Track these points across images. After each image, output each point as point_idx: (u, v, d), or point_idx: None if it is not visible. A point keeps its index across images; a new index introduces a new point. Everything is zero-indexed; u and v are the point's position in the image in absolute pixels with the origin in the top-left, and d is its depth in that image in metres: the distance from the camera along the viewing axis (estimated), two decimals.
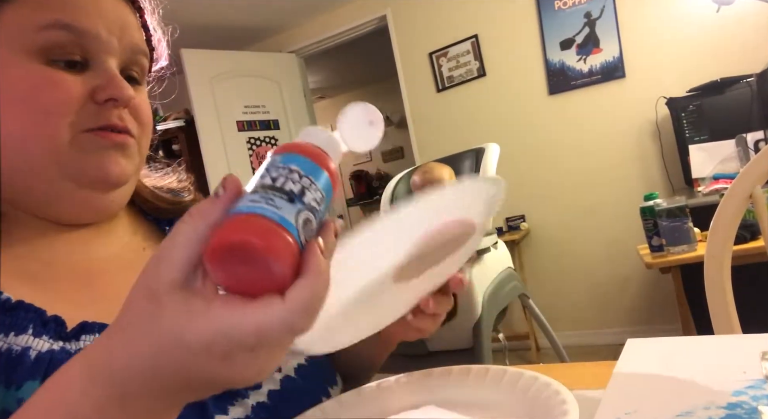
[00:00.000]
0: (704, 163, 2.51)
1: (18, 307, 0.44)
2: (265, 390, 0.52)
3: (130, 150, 0.52)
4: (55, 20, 0.46)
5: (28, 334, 0.42)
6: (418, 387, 0.53)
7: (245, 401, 0.50)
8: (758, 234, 1.70)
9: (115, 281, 0.53)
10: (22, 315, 0.43)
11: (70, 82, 0.47)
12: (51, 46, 0.46)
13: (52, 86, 0.46)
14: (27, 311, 0.44)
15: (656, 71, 2.93)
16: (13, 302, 0.44)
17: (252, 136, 3.75)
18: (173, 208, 0.64)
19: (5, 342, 0.41)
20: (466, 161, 2.27)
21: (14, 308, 0.43)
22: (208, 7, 3.39)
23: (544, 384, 0.44)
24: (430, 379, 0.53)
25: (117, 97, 0.48)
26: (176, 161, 0.72)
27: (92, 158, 0.49)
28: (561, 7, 3.12)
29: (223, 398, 0.49)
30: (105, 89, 0.48)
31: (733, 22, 2.72)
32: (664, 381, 0.40)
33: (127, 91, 0.49)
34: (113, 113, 0.49)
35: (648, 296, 3.07)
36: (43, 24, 0.46)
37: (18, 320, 0.43)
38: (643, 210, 1.93)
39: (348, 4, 3.77)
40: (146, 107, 0.54)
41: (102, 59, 0.49)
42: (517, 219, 3.36)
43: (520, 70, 3.29)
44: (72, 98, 0.47)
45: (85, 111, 0.48)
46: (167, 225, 0.63)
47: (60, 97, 0.46)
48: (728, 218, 0.89)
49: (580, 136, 3.16)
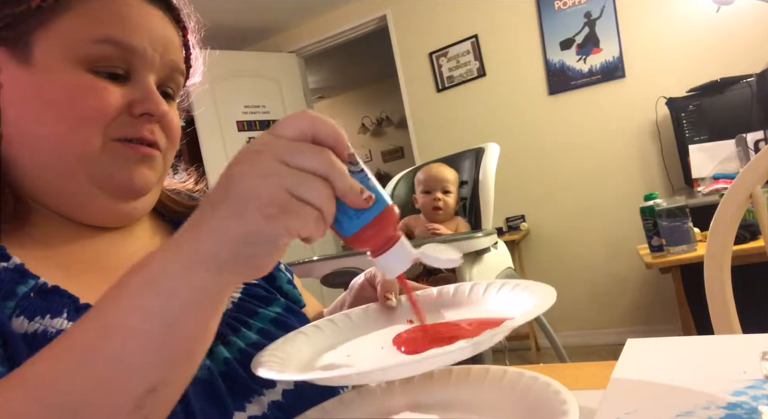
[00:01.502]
0: (704, 163, 2.51)
1: (54, 292, 0.46)
2: (280, 389, 0.54)
3: (156, 162, 0.54)
4: (108, 36, 0.49)
5: (63, 317, 0.45)
6: (418, 387, 0.53)
7: (261, 398, 0.52)
8: (758, 234, 1.70)
9: None
10: (57, 299, 0.46)
11: (110, 91, 0.49)
12: (98, 58, 0.49)
13: (93, 93, 0.48)
14: (62, 296, 0.46)
15: (656, 71, 2.93)
16: (49, 286, 0.46)
17: (252, 136, 3.74)
18: (189, 211, 0.66)
19: (42, 324, 0.43)
20: (466, 160, 2.27)
21: (50, 293, 0.46)
22: (208, 7, 3.37)
23: (544, 384, 0.44)
24: (430, 379, 0.53)
25: (152, 112, 0.51)
26: (194, 165, 0.77)
27: (119, 167, 0.51)
28: (561, 7, 3.12)
29: (240, 396, 0.51)
30: (142, 103, 0.51)
31: (733, 22, 2.72)
32: (664, 381, 0.40)
33: (161, 107, 0.52)
34: (145, 127, 0.52)
35: (648, 296, 3.07)
36: (96, 38, 0.48)
37: (54, 304, 0.45)
38: (643, 210, 1.93)
39: (348, 4, 3.77)
40: (176, 122, 0.57)
41: (142, 74, 0.52)
42: (517, 219, 3.36)
43: (520, 70, 3.29)
44: (109, 107, 0.49)
45: (119, 121, 0.50)
46: None
47: (98, 104, 0.49)
48: (728, 218, 0.89)
49: (580, 136, 3.16)
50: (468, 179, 2.23)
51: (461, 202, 2.20)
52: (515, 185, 3.31)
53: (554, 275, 3.29)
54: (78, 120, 0.48)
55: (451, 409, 0.49)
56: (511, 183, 3.27)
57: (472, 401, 0.49)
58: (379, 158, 6.61)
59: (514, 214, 3.37)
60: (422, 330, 0.49)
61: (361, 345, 0.53)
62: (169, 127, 0.55)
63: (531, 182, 3.31)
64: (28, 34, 0.47)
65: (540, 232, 3.34)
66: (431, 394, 0.52)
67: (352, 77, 6.05)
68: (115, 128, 0.50)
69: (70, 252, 0.52)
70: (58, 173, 0.49)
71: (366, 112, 6.59)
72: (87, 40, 0.48)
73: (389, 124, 6.44)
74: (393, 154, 6.51)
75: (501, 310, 0.50)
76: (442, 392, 0.52)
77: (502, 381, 0.48)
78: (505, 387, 0.48)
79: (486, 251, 1.87)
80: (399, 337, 0.50)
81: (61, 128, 0.48)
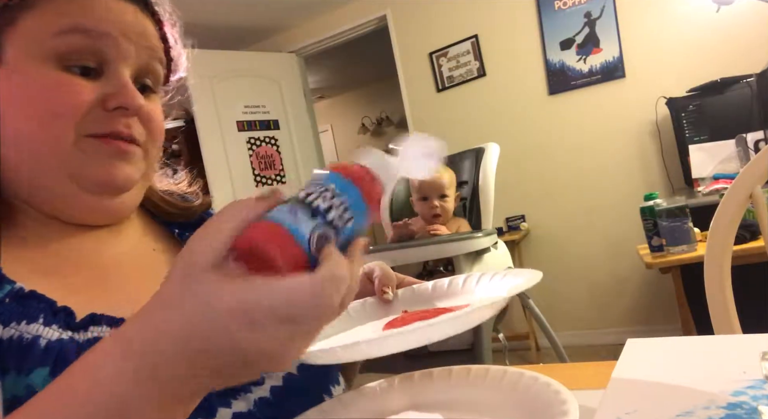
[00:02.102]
0: (704, 163, 2.51)
1: (30, 296, 0.45)
2: (268, 386, 0.53)
3: (134, 158, 0.52)
4: (75, 24, 0.47)
5: (39, 323, 0.43)
6: (418, 387, 0.53)
7: (248, 395, 0.51)
8: (758, 234, 1.70)
9: (125, 277, 0.54)
10: (33, 304, 0.45)
11: (81, 86, 0.48)
12: (67, 52, 0.47)
13: (64, 90, 0.47)
14: (39, 300, 0.45)
15: (656, 71, 2.93)
16: (25, 291, 0.45)
17: (252, 136, 3.75)
18: (182, 212, 0.65)
19: (17, 330, 0.43)
20: (466, 160, 2.27)
21: (26, 298, 0.45)
22: (208, 7, 3.38)
23: (544, 384, 0.44)
24: (430, 379, 0.53)
25: (126, 105, 0.49)
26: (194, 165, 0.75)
27: (95, 163, 0.49)
28: (561, 7, 3.12)
29: (227, 392, 0.50)
30: (115, 97, 0.49)
31: (733, 22, 2.72)
32: (664, 381, 0.40)
33: (136, 101, 0.50)
34: (120, 121, 0.50)
35: (648, 296, 3.07)
36: (63, 28, 0.47)
37: (30, 309, 0.44)
38: (643, 210, 1.93)
39: (348, 4, 3.77)
40: (157, 116, 0.55)
41: (115, 67, 0.50)
42: (517, 219, 3.36)
43: (520, 70, 3.29)
44: (82, 102, 0.48)
45: (92, 116, 0.49)
46: (177, 228, 0.65)
47: (69, 100, 0.47)
48: (728, 218, 0.89)
49: (580, 136, 3.16)
50: (468, 179, 2.23)
51: (461, 202, 2.19)
52: (515, 185, 3.31)
53: (554, 274, 3.28)
54: (49, 117, 0.47)
55: (451, 409, 0.49)
56: (511, 183, 3.27)
57: (472, 401, 0.49)
58: None
59: (514, 214, 3.37)
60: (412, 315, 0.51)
61: (355, 335, 0.54)
62: (148, 120, 0.53)
63: (531, 182, 3.31)
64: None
65: (540, 232, 3.34)
66: (431, 394, 0.52)
67: (352, 77, 6.05)
68: (88, 124, 0.48)
69: (57, 251, 0.51)
70: (38, 172, 0.49)
71: (366, 112, 6.59)
72: (54, 33, 0.47)
73: (389, 124, 6.44)
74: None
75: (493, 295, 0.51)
76: (442, 392, 0.52)
77: (502, 381, 0.48)
78: (505, 387, 0.48)
79: (486, 251, 1.87)
80: (389, 323, 0.51)
81: (32, 126, 0.47)
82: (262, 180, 3.75)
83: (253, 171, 3.72)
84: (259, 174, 3.75)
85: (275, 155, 3.85)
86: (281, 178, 3.85)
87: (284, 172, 3.87)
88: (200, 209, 0.67)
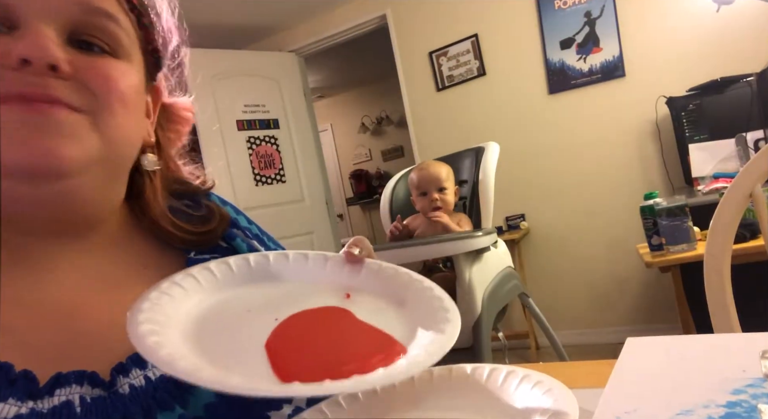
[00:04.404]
0: (704, 162, 2.51)
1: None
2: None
3: (66, 127, 0.40)
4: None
5: None
6: (418, 387, 0.53)
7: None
8: (758, 233, 1.70)
9: (96, 315, 0.45)
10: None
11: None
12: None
13: None
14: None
15: (656, 71, 2.93)
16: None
17: (252, 135, 3.75)
18: (199, 239, 0.55)
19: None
20: (466, 160, 2.27)
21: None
22: (207, 7, 3.38)
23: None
24: (430, 379, 0.53)
25: (29, 57, 0.38)
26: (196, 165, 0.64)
27: (4, 137, 0.38)
28: (561, 7, 3.12)
29: None
30: (17, 49, 0.39)
31: (733, 22, 2.72)
32: (664, 379, 0.40)
33: (45, 51, 0.39)
34: (27, 79, 0.39)
35: (648, 295, 3.07)
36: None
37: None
38: (643, 209, 1.93)
39: (348, 3, 3.77)
40: (106, 74, 0.43)
41: (30, 22, 0.40)
42: (517, 218, 3.36)
43: (520, 69, 3.29)
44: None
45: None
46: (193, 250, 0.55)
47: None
48: (728, 217, 0.89)
49: (580, 135, 3.16)
50: (468, 179, 2.23)
51: (461, 201, 2.19)
52: (515, 184, 3.31)
53: (554, 274, 3.29)
54: None
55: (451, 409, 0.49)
56: (511, 182, 3.27)
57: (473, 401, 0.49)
58: (379, 157, 6.61)
59: (514, 213, 3.37)
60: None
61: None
62: (91, 80, 0.42)
63: (531, 181, 3.31)
64: None
65: (540, 231, 3.34)
66: (431, 394, 0.52)
67: (352, 76, 6.05)
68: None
69: (11, 286, 0.42)
70: None
71: (366, 111, 6.59)
72: None
73: (389, 123, 6.44)
74: (393, 153, 6.51)
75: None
76: (441, 392, 0.52)
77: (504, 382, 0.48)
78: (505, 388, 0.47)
79: (486, 250, 1.87)
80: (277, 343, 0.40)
81: None
82: (261, 179, 3.75)
83: (252, 170, 3.72)
84: (258, 173, 3.75)
85: (275, 154, 3.85)
86: (281, 177, 3.85)
87: (284, 171, 3.88)
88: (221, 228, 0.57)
